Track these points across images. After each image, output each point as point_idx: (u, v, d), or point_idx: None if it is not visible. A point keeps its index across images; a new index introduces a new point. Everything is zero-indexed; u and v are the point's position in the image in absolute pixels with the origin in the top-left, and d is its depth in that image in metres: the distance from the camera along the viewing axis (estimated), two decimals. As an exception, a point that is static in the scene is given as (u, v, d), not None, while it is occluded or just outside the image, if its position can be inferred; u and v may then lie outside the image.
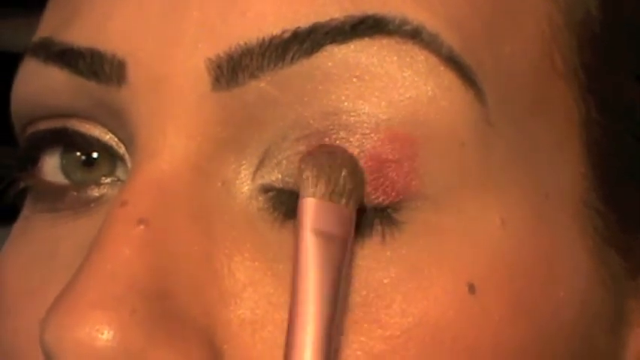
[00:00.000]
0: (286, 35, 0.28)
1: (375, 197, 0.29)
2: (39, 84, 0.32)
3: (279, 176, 0.29)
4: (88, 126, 0.32)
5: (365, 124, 0.29)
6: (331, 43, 0.28)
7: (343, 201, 0.28)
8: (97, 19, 0.31)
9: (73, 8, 0.32)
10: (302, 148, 0.29)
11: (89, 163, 0.32)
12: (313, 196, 0.28)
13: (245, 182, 0.29)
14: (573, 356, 0.31)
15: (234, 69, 0.29)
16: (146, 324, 0.27)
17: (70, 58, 0.31)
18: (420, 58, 0.29)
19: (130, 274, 0.27)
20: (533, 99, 0.31)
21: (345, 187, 0.28)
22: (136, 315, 0.27)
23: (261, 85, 0.29)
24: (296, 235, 0.28)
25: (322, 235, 0.27)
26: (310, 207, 0.28)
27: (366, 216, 0.29)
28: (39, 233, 0.33)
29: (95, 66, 0.30)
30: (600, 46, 0.32)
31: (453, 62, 0.29)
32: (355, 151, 0.29)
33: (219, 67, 0.29)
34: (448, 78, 0.29)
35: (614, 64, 0.33)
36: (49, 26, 0.33)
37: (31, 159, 0.33)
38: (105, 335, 0.26)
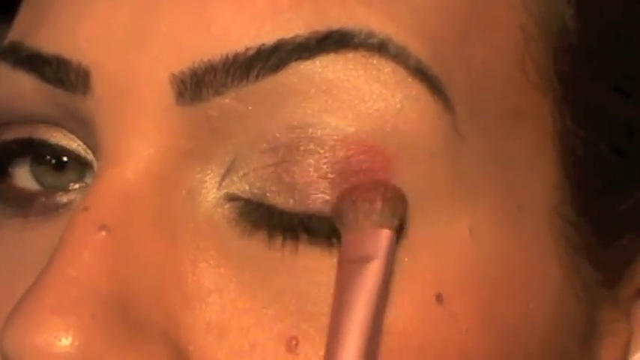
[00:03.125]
0: (250, 52, 0.28)
1: None
2: (7, 89, 0.32)
3: (247, 187, 0.29)
4: (55, 134, 0.32)
5: (333, 137, 0.28)
6: (296, 59, 0.28)
7: (383, 225, 0.28)
8: (65, 25, 0.31)
9: (43, 12, 0.32)
10: (270, 160, 0.29)
11: (60, 166, 0.32)
12: (349, 227, 0.28)
13: (210, 191, 0.29)
14: None
15: (197, 85, 0.28)
16: (106, 328, 0.27)
17: (36, 64, 0.31)
18: (387, 70, 0.29)
19: (90, 279, 0.27)
20: (505, 109, 0.30)
21: (386, 214, 0.28)
22: (96, 319, 0.27)
23: (226, 102, 0.29)
24: (338, 264, 0.28)
25: (356, 261, 0.28)
26: (346, 239, 0.28)
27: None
28: (7, 238, 0.33)
29: (61, 73, 0.30)
30: (577, 57, 0.32)
31: (421, 74, 0.29)
32: (326, 162, 0.28)
33: (182, 82, 0.29)
34: (416, 89, 0.29)
35: (591, 74, 0.32)
36: (19, 30, 0.32)
37: (0, 170, 0.33)
38: (63, 341, 0.26)
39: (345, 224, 0.28)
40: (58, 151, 0.32)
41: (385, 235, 0.28)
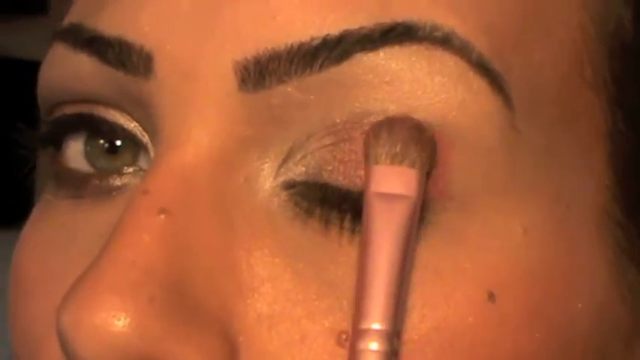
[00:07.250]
0: (315, 42, 0.28)
1: None
2: (67, 69, 0.32)
3: (303, 169, 0.29)
4: (113, 112, 0.32)
5: None
6: (361, 51, 0.28)
7: (407, 163, 0.28)
8: (127, 8, 0.31)
9: None
10: (328, 141, 0.29)
11: (113, 150, 0.32)
12: (377, 161, 0.28)
13: (267, 179, 0.29)
14: None
15: (261, 72, 0.28)
16: (163, 312, 0.27)
17: (98, 46, 0.31)
18: (450, 63, 0.29)
19: (149, 262, 0.27)
20: (560, 107, 0.30)
21: (411, 151, 0.28)
22: (154, 303, 0.27)
23: (288, 90, 0.29)
24: (364, 200, 0.28)
25: (386, 197, 0.28)
26: (375, 172, 0.28)
27: None
28: (60, 218, 0.33)
29: (123, 56, 0.30)
30: (631, 58, 0.32)
31: (483, 68, 0.29)
32: None
33: (246, 69, 0.29)
34: (477, 84, 0.29)
35: None
36: (79, 12, 0.32)
37: (55, 142, 0.33)
38: (121, 322, 0.26)
39: (374, 158, 0.28)
40: (114, 130, 0.32)
41: (415, 175, 0.28)
